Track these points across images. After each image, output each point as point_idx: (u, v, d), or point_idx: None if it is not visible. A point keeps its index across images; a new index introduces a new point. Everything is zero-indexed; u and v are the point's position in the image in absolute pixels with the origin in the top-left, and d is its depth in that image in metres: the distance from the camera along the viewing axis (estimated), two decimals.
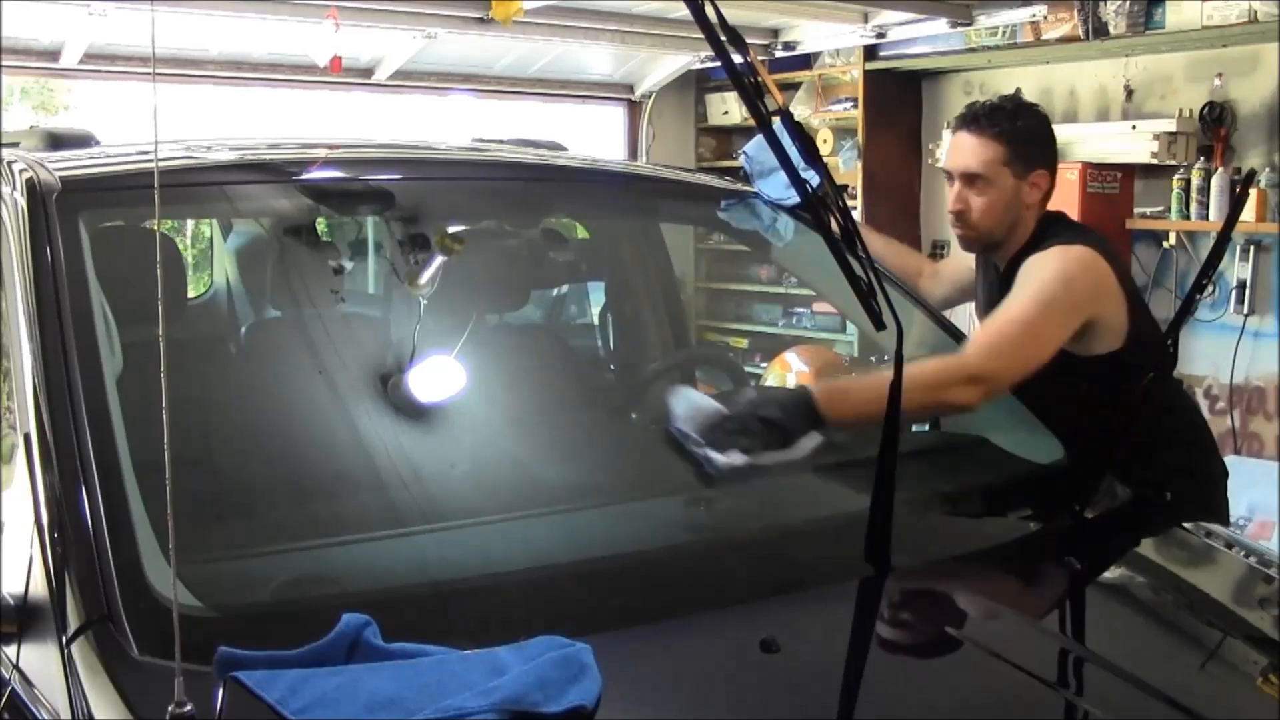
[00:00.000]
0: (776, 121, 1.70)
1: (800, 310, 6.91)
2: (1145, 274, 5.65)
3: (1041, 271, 2.39)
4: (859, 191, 6.51)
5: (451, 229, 2.14)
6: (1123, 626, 1.85)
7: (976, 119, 2.52)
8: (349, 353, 2.09)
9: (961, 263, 2.91)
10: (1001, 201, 2.49)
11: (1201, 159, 5.30)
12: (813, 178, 1.75)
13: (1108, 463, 2.12)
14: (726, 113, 7.27)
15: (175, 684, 1.21)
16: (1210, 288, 4.97)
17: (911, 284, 2.81)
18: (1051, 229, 2.54)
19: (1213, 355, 5.43)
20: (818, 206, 1.73)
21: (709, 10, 1.56)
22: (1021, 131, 2.49)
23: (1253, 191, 4.94)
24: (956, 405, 2.22)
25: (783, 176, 2.00)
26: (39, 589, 1.49)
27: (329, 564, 1.70)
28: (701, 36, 1.61)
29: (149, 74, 5.42)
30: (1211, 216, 5.19)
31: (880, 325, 1.65)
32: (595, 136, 6.96)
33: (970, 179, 2.51)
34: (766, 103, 1.68)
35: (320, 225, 2.22)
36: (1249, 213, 4.96)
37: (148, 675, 1.35)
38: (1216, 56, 5.36)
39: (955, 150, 2.56)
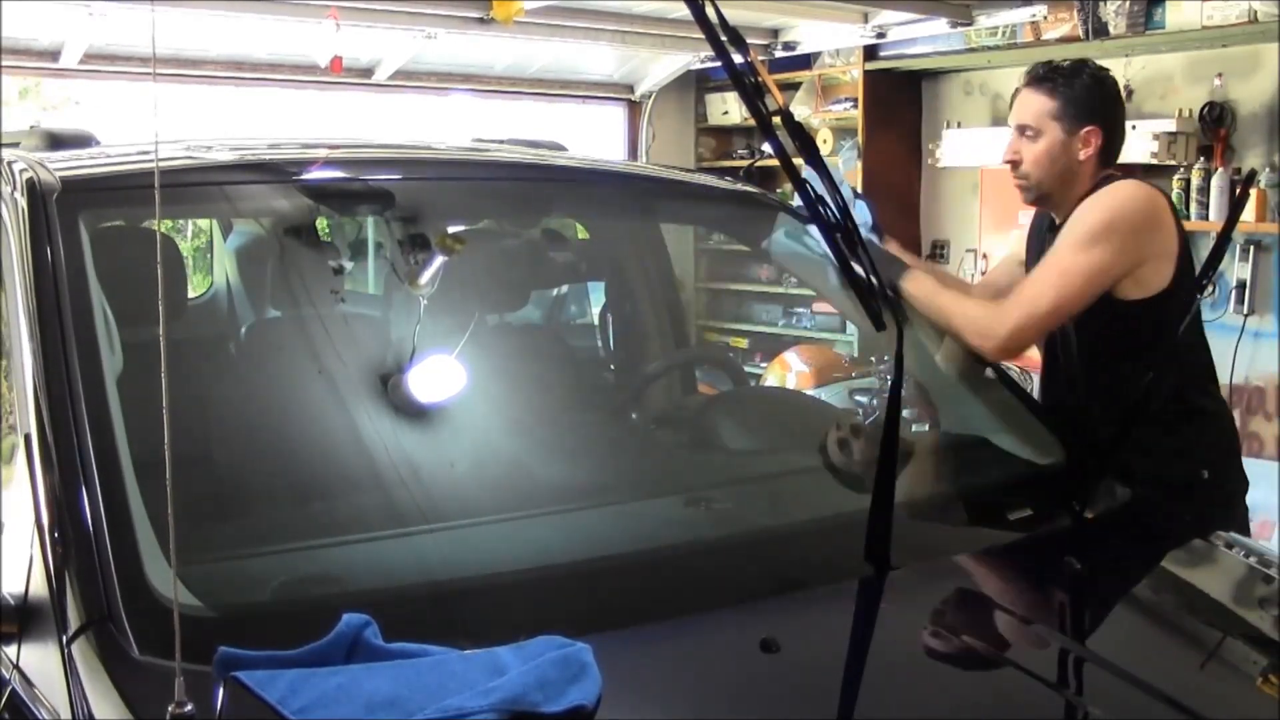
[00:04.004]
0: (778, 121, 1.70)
1: (800, 310, 6.92)
2: None
3: (1088, 212, 2.50)
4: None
5: (451, 229, 2.14)
6: (1123, 626, 1.85)
7: (1035, 75, 2.64)
8: (349, 353, 2.09)
9: (1004, 266, 2.95)
10: (1049, 153, 2.59)
11: (1201, 159, 5.30)
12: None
13: (1110, 462, 2.13)
14: (726, 113, 7.27)
15: (175, 684, 1.21)
16: (1210, 288, 4.96)
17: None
18: (1108, 181, 2.61)
19: (1212, 355, 5.42)
20: (818, 207, 1.73)
21: (709, 10, 1.56)
22: (1075, 89, 2.59)
23: (1253, 191, 4.94)
24: (982, 352, 2.44)
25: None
26: (39, 589, 1.49)
27: (329, 564, 1.70)
28: (701, 36, 1.61)
29: (149, 74, 5.43)
30: (1211, 216, 5.18)
31: (880, 325, 1.65)
32: (595, 136, 6.96)
33: (1023, 130, 2.62)
34: (766, 103, 1.68)
35: (320, 225, 2.22)
36: (1249, 213, 4.96)
37: (148, 675, 1.35)
38: (1216, 56, 5.35)
39: (1016, 105, 2.68)
